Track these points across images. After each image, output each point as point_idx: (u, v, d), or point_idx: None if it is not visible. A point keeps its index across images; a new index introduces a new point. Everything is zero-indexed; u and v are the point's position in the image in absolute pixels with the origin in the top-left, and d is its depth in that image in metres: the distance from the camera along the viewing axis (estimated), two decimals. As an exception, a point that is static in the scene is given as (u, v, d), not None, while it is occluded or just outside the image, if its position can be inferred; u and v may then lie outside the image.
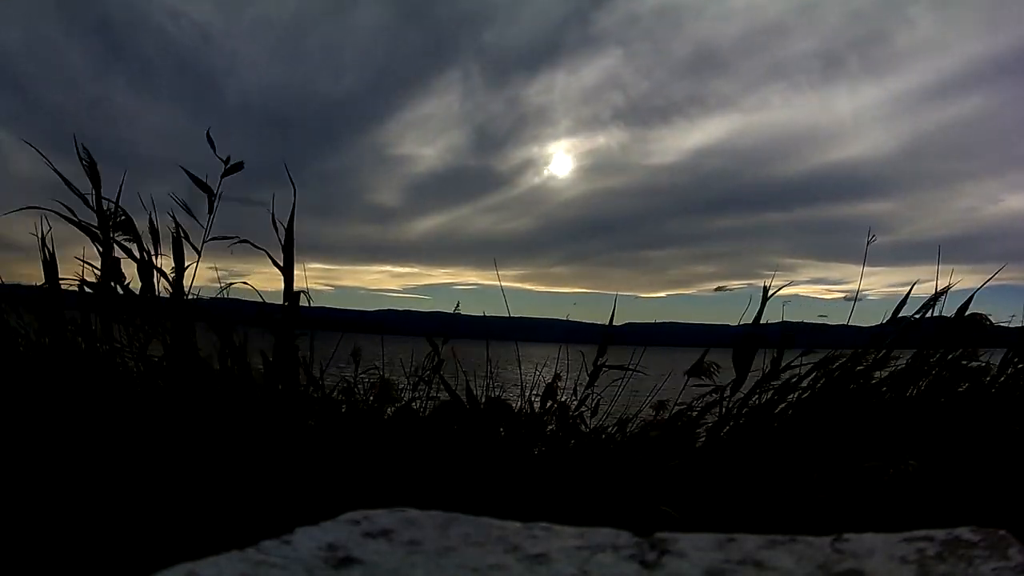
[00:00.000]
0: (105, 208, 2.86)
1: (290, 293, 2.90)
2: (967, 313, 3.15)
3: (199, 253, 2.91)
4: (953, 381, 3.08)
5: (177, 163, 2.89)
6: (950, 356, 3.12)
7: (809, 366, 3.10)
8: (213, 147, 2.85)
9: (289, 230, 2.89)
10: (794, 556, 0.68)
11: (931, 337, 3.19)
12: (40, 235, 2.85)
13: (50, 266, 2.87)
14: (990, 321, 3.19)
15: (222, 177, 2.89)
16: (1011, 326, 3.36)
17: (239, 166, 2.89)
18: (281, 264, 2.89)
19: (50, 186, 2.88)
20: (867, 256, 3.27)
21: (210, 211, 2.90)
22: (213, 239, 2.91)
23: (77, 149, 2.82)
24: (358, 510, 0.77)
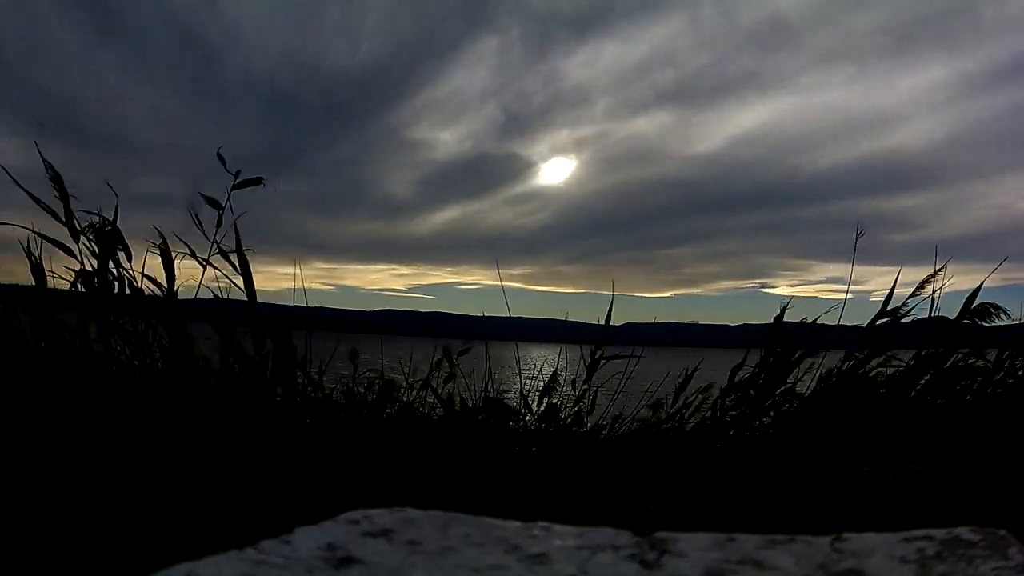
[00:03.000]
0: (92, 222, 2.85)
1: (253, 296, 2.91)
2: (974, 306, 3.13)
3: (204, 266, 2.91)
4: (953, 380, 3.08)
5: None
6: (952, 357, 3.12)
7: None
8: (224, 164, 2.84)
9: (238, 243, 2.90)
10: (794, 556, 0.69)
11: (932, 336, 3.19)
12: (27, 240, 2.84)
13: (38, 269, 2.87)
14: (1004, 314, 3.15)
15: (231, 190, 2.87)
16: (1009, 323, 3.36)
17: (255, 181, 2.88)
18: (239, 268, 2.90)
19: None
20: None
21: (218, 224, 2.89)
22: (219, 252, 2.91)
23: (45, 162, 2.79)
24: (358, 510, 0.77)
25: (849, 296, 3.31)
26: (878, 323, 3.19)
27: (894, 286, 3.24)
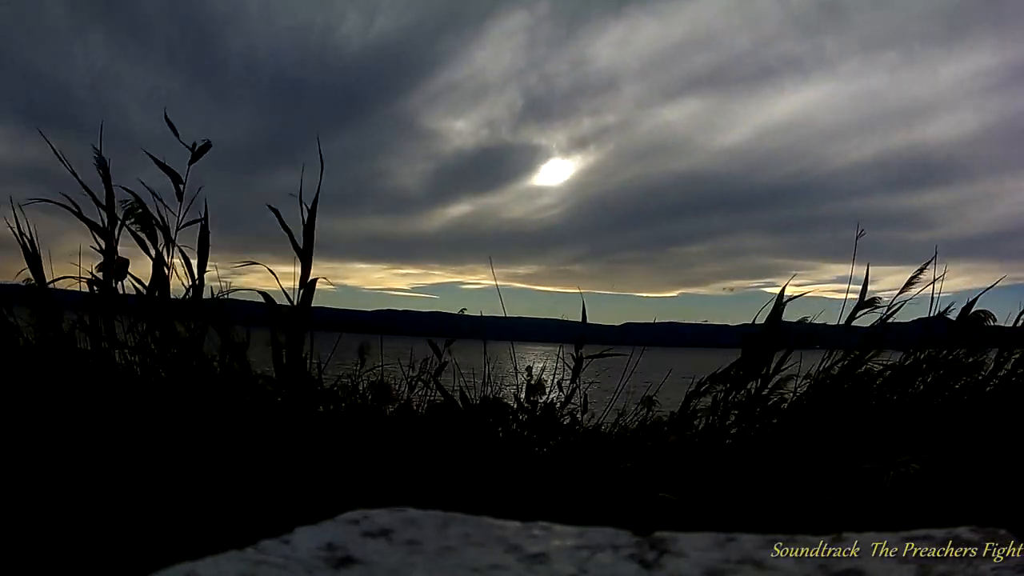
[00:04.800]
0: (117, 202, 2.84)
1: (306, 280, 2.87)
2: (972, 312, 3.16)
3: (174, 243, 2.87)
4: (951, 379, 3.08)
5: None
6: (950, 355, 3.12)
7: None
8: (175, 132, 2.81)
9: (312, 212, 2.86)
10: (794, 556, 0.68)
11: (933, 337, 3.20)
12: (18, 228, 2.81)
13: (34, 261, 2.84)
14: (992, 319, 3.18)
15: (190, 164, 2.84)
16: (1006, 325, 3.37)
17: (206, 147, 2.85)
18: (301, 246, 2.86)
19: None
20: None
21: (179, 198, 2.85)
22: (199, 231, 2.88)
23: (99, 156, 2.75)
24: (358, 510, 0.77)
25: (853, 296, 3.32)
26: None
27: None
